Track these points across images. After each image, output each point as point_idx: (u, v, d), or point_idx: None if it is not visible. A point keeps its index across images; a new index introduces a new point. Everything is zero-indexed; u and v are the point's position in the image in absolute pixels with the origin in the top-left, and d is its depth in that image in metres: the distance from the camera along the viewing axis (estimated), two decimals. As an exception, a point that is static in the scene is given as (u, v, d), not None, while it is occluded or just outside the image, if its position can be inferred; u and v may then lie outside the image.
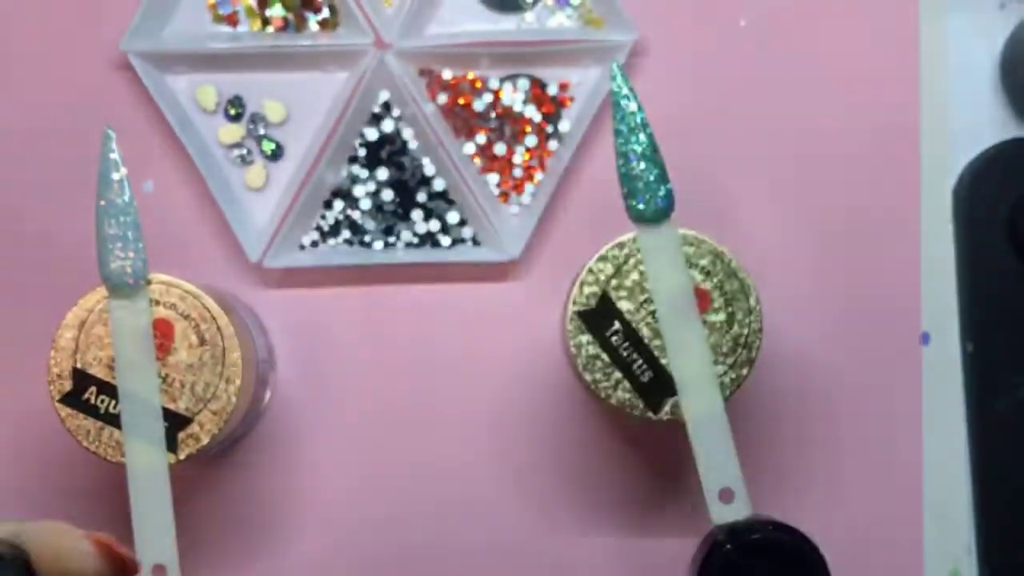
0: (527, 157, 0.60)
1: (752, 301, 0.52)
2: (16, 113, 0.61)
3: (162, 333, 0.51)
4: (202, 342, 0.51)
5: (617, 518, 0.60)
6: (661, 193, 0.50)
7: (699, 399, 0.51)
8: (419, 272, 0.61)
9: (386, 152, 0.60)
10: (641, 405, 0.52)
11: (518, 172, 0.61)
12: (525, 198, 0.61)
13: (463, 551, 0.59)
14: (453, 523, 0.60)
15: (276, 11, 0.61)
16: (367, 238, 0.61)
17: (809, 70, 0.61)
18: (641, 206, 0.50)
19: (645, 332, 0.51)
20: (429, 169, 0.60)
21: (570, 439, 0.60)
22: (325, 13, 0.61)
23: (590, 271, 0.52)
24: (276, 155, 0.61)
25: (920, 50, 0.61)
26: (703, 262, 0.52)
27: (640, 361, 0.51)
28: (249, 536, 0.60)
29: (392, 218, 0.60)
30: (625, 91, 0.50)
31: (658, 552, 0.60)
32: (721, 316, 0.52)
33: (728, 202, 0.61)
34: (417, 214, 0.60)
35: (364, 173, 0.60)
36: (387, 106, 0.60)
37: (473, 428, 0.60)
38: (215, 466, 0.60)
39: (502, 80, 0.60)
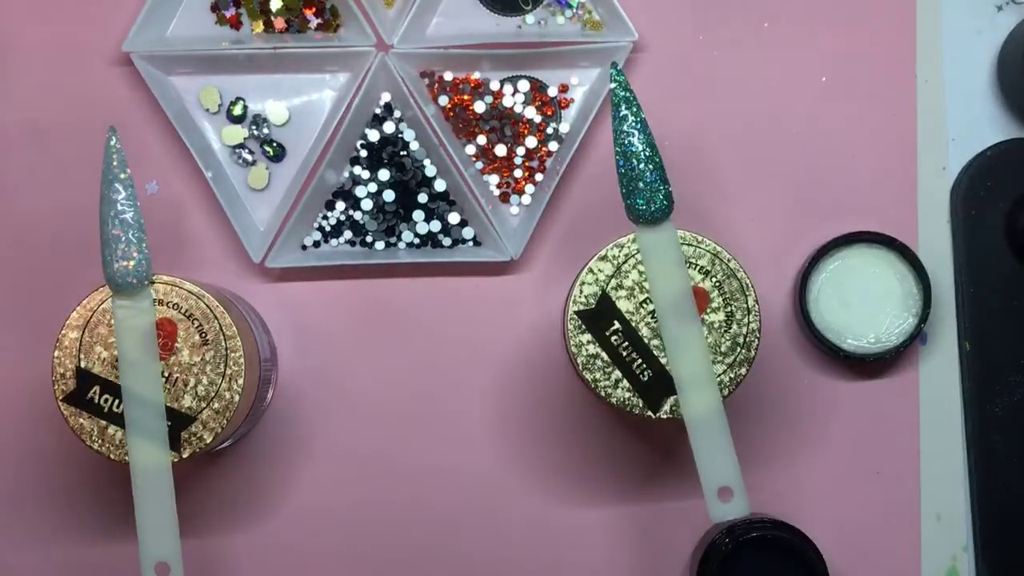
0: (527, 158, 0.61)
1: (751, 301, 0.52)
2: (20, 114, 0.60)
3: (165, 333, 0.51)
4: (205, 342, 0.51)
5: (617, 504, 0.60)
6: (660, 193, 0.50)
7: (698, 398, 0.51)
8: (420, 272, 0.60)
9: (387, 153, 0.60)
10: (641, 404, 0.52)
11: (518, 173, 0.61)
12: (525, 199, 0.61)
13: (467, 541, 0.60)
14: (456, 514, 0.60)
15: (278, 13, 0.60)
16: (369, 238, 0.60)
17: (806, 72, 0.61)
18: (641, 206, 0.50)
19: (644, 332, 0.51)
20: (430, 170, 0.60)
21: (571, 435, 0.60)
22: (327, 15, 0.61)
23: (590, 271, 0.52)
24: (278, 156, 0.61)
25: (917, 52, 0.61)
26: (702, 262, 0.52)
27: (639, 360, 0.51)
28: (252, 533, 0.59)
29: (393, 218, 0.60)
30: (624, 92, 0.50)
31: (660, 542, 0.60)
32: (720, 316, 0.52)
33: (727, 202, 0.60)
34: (418, 215, 0.60)
35: (366, 174, 0.60)
36: (388, 107, 0.60)
37: (475, 427, 0.60)
38: (218, 463, 0.60)
39: (503, 82, 0.60)
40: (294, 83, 0.61)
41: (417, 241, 0.60)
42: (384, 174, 0.60)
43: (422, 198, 0.60)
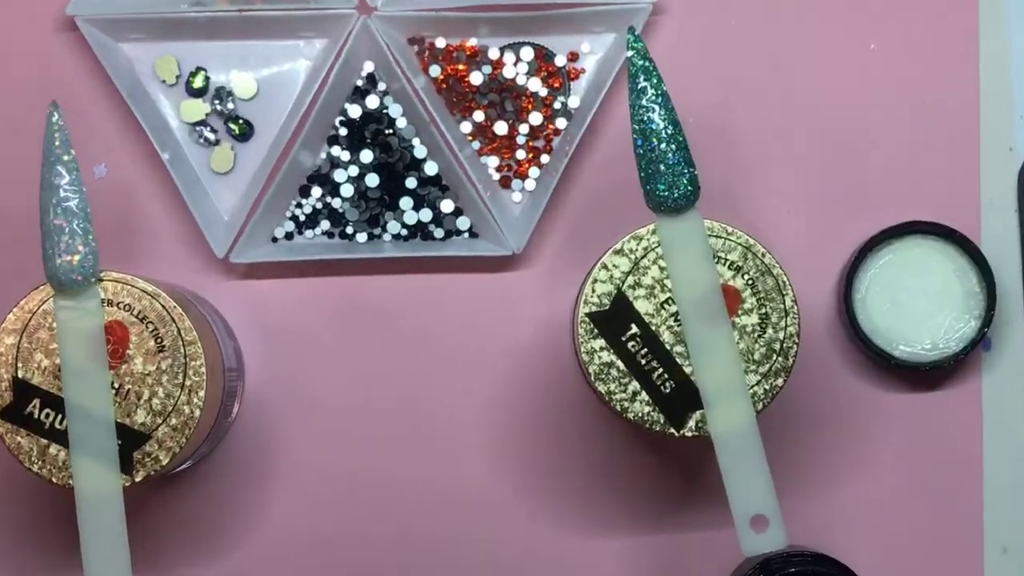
0: (531, 137, 0.59)
1: (788, 301, 0.50)
2: (-48, 88, 0.59)
3: (115, 338, 0.50)
4: (161, 348, 0.50)
5: (634, 533, 0.58)
6: (684, 177, 0.49)
7: (728, 413, 0.50)
8: (408, 268, 0.59)
9: (370, 131, 0.59)
10: (662, 420, 0.50)
11: (521, 154, 0.59)
12: (529, 184, 0.59)
13: (461, 574, 0.58)
14: (449, 543, 0.58)
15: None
16: (349, 229, 0.59)
17: (852, 38, 0.59)
18: (662, 192, 0.49)
19: (666, 336, 0.50)
20: (420, 151, 0.59)
21: (581, 454, 0.59)
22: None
23: (603, 267, 0.51)
24: (245, 135, 0.59)
25: (980, 18, 0.59)
26: (732, 256, 0.51)
27: (660, 370, 0.50)
28: (216, 565, 0.58)
29: (377, 207, 0.59)
30: (643, 62, 0.49)
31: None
32: (753, 318, 0.50)
33: (760, 188, 0.59)
34: (406, 202, 0.59)
35: (346, 155, 0.59)
36: (372, 79, 0.59)
37: (471, 444, 0.59)
38: (176, 487, 0.58)
39: (503, 49, 0.59)
40: (263, 51, 0.60)
41: (404, 232, 0.59)
42: (367, 156, 0.59)
43: (410, 183, 0.59)
